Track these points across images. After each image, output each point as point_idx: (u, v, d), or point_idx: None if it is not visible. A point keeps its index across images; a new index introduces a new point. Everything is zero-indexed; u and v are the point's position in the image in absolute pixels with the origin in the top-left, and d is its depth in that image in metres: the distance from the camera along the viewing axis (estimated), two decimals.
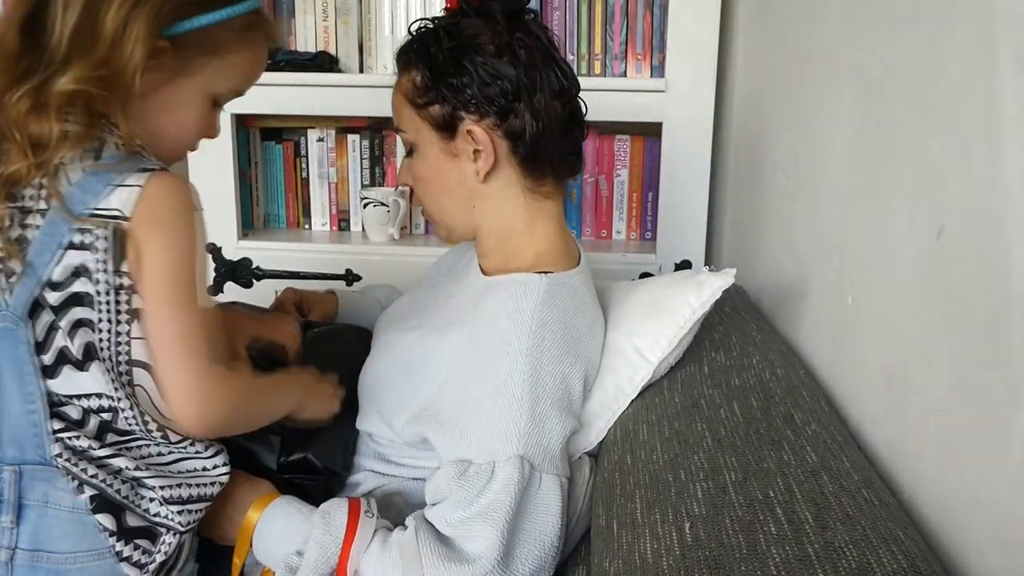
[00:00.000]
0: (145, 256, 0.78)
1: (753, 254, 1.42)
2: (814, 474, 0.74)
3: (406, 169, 1.05)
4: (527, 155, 0.98)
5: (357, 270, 1.78)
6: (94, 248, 0.77)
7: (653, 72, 1.70)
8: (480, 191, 1.00)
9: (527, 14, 0.99)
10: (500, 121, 0.96)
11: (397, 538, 0.88)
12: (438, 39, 0.97)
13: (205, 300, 0.84)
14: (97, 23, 0.75)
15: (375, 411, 1.01)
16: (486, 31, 0.95)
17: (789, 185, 1.22)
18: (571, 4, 1.70)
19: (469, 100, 0.96)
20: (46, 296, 0.78)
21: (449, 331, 0.98)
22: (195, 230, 0.81)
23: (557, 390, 0.92)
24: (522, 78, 0.95)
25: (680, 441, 0.85)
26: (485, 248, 1.04)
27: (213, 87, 0.85)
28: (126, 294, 0.78)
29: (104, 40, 0.75)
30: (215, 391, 0.82)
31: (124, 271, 0.77)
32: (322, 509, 0.91)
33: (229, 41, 0.83)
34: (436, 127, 0.98)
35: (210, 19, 0.81)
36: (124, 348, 0.80)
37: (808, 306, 1.10)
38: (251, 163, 1.87)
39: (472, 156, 0.98)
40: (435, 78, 0.96)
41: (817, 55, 1.13)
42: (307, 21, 1.78)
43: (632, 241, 1.81)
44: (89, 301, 0.78)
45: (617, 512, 0.80)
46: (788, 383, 0.94)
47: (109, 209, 0.77)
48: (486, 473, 0.87)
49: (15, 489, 0.80)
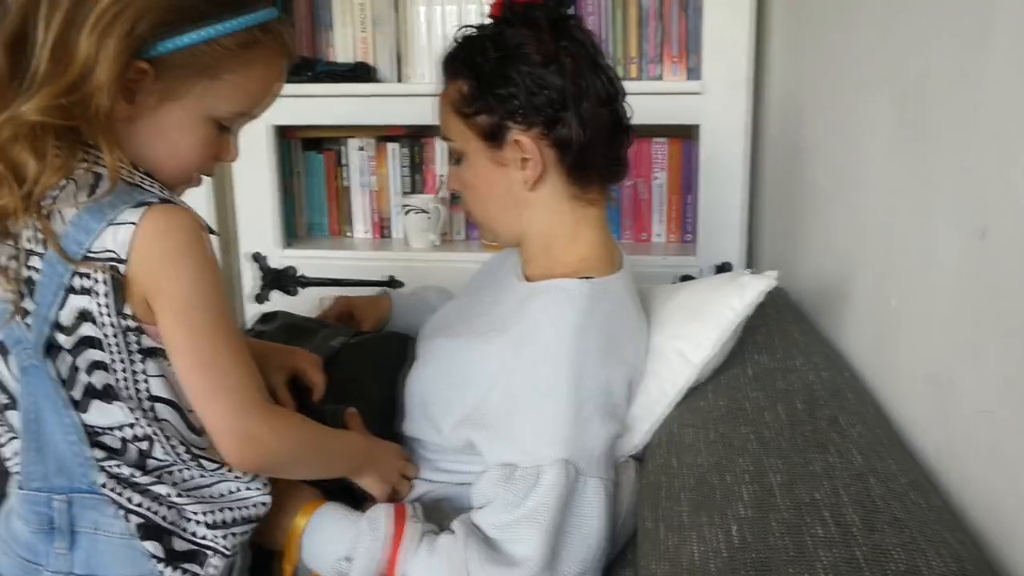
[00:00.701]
0: (157, 296, 0.75)
1: (794, 256, 1.41)
2: (860, 477, 0.74)
3: (454, 176, 1.06)
4: (574, 164, 0.98)
5: (399, 277, 1.80)
6: (94, 292, 0.74)
7: (689, 74, 1.70)
8: (527, 199, 1.01)
9: (571, 20, 0.99)
10: (548, 130, 0.97)
11: (444, 542, 0.89)
12: (484, 49, 0.97)
13: (231, 331, 0.80)
14: (70, 46, 0.71)
15: (422, 416, 1.02)
16: (531, 40, 0.96)
17: (828, 186, 1.22)
18: (605, 8, 1.71)
19: (516, 110, 0.96)
20: (57, 338, 0.76)
21: (493, 337, 0.99)
22: (204, 259, 0.77)
23: (600, 394, 0.93)
24: (569, 87, 0.95)
25: (725, 444, 0.86)
26: (529, 254, 1.05)
27: (211, 110, 0.79)
28: (135, 335, 0.76)
29: (76, 64, 0.71)
30: (260, 432, 0.80)
31: (127, 313, 0.75)
32: (368, 515, 0.92)
33: (222, 61, 0.77)
34: (484, 137, 0.99)
35: (193, 39, 0.74)
36: (143, 385, 0.78)
37: (851, 308, 1.10)
38: (293, 173, 1.90)
39: (520, 165, 0.98)
40: (482, 88, 0.97)
41: (854, 55, 1.12)
42: (345, 32, 1.81)
43: (671, 243, 1.81)
44: (99, 344, 0.76)
45: (663, 515, 0.81)
46: (833, 385, 0.94)
47: (104, 251, 0.74)
48: (531, 477, 0.88)
49: (66, 517, 0.80)
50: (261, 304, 1.83)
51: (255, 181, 1.78)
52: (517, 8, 0.99)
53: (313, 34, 1.82)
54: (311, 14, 1.81)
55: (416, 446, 1.06)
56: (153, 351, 0.78)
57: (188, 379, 0.78)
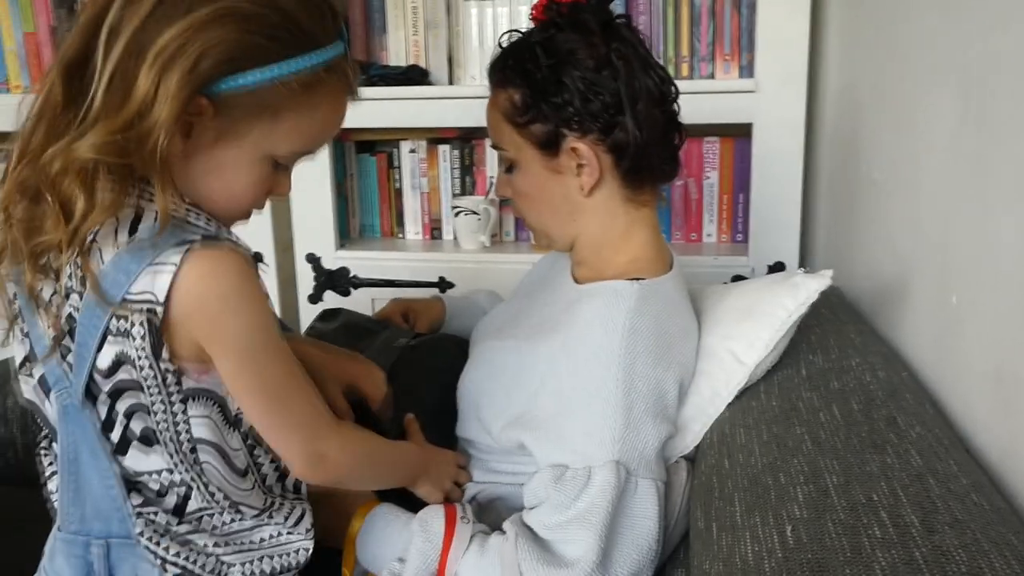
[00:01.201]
0: (212, 342, 0.74)
1: (849, 255, 1.39)
2: (919, 478, 0.73)
3: (505, 184, 1.05)
4: (630, 167, 0.98)
5: (450, 277, 1.82)
6: (131, 336, 0.72)
7: (742, 72, 1.68)
8: (582, 205, 1.00)
9: (620, 20, 0.98)
10: (604, 136, 0.96)
11: (495, 543, 0.90)
12: (535, 56, 0.95)
13: (291, 362, 0.80)
14: (129, 79, 0.68)
15: (474, 418, 1.03)
16: (583, 44, 0.94)
17: (886, 183, 1.20)
18: (656, 7, 1.70)
19: (571, 117, 0.95)
20: (98, 382, 0.75)
21: (543, 339, 1.00)
22: (257, 298, 0.75)
23: (651, 395, 0.93)
24: (624, 90, 0.94)
25: (779, 444, 0.85)
26: (580, 257, 1.04)
27: (269, 149, 0.76)
28: (174, 377, 0.74)
29: (135, 100, 0.68)
30: (329, 451, 0.82)
31: (164, 358, 0.73)
32: (420, 516, 0.93)
33: (284, 102, 0.73)
34: (538, 145, 0.98)
35: (258, 78, 0.71)
36: (184, 428, 0.76)
37: (909, 306, 1.08)
38: (347, 175, 1.93)
39: (576, 171, 0.98)
40: (535, 97, 0.95)
41: (914, 49, 1.10)
42: (398, 36, 1.83)
43: (723, 243, 1.80)
44: (138, 387, 0.74)
45: (716, 515, 0.80)
46: (890, 385, 0.92)
47: (142, 293, 0.71)
48: (582, 478, 0.88)
49: (104, 564, 0.79)
50: (315, 304, 1.87)
51: (311, 183, 1.82)
52: (563, 10, 0.97)
53: (367, 38, 1.85)
54: (365, 19, 1.84)
55: (468, 447, 1.07)
56: (195, 394, 0.76)
57: (258, 419, 0.79)
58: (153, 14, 0.69)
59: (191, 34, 0.68)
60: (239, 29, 0.69)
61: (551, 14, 0.98)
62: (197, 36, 0.68)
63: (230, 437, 0.80)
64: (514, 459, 1.01)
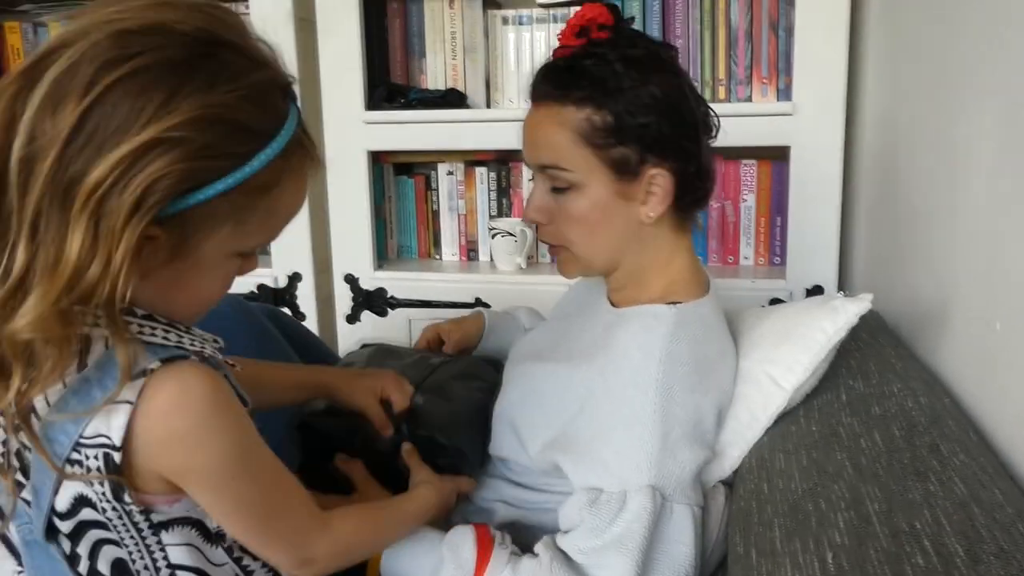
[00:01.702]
0: (184, 475, 0.68)
1: (889, 279, 1.38)
2: (963, 506, 0.72)
3: (542, 209, 0.99)
4: (694, 196, 0.98)
5: (486, 299, 1.83)
6: (88, 482, 0.66)
7: (779, 95, 1.68)
8: (639, 232, 0.98)
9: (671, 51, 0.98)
10: (679, 163, 0.95)
11: (528, 566, 0.89)
12: (617, 74, 0.91)
13: (272, 469, 0.75)
14: (57, 229, 0.59)
15: (512, 438, 1.03)
16: (658, 69, 0.93)
17: (926, 207, 1.19)
18: (694, 30, 1.71)
19: (656, 142, 0.93)
20: (57, 524, 0.70)
21: (581, 363, 1.00)
22: (231, 420, 0.69)
23: (689, 421, 0.92)
24: (699, 117, 0.95)
25: (819, 470, 0.84)
26: (619, 282, 1.04)
27: (235, 248, 0.69)
28: (142, 515, 0.69)
29: (70, 255, 0.58)
30: (320, 551, 0.78)
31: (127, 501, 0.68)
32: (449, 541, 0.93)
33: (245, 203, 0.66)
34: (615, 168, 0.94)
35: (211, 193, 0.63)
36: (160, 555, 0.72)
37: (951, 332, 1.06)
38: (385, 197, 1.96)
39: (643, 199, 0.96)
40: (623, 118, 0.92)
41: (956, 72, 1.09)
42: (437, 60, 1.86)
43: (760, 267, 1.79)
44: (103, 525, 0.70)
45: (755, 540, 0.80)
46: (932, 412, 0.91)
47: (96, 436, 0.64)
48: (617, 502, 0.88)
49: None
50: (352, 325, 1.89)
51: (350, 205, 1.84)
52: (627, 32, 0.95)
53: (406, 62, 1.88)
54: (404, 43, 1.87)
55: (502, 466, 1.07)
56: (168, 524, 0.71)
57: (242, 536, 0.75)
58: (74, 137, 0.59)
59: (127, 168, 0.59)
60: (182, 155, 0.60)
61: (619, 35, 0.94)
62: (135, 170, 0.59)
63: (212, 554, 0.76)
64: (548, 481, 1.01)
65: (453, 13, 1.82)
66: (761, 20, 1.68)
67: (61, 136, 0.59)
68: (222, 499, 0.71)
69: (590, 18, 0.95)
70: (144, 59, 0.60)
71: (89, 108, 0.59)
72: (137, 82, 0.60)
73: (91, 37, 0.60)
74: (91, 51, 0.60)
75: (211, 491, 0.70)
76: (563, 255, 1.03)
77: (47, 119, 0.59)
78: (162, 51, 0.61)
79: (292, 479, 0.78)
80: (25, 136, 0.59)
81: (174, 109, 0.60)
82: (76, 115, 0.59)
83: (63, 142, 0.59)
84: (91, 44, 0.60)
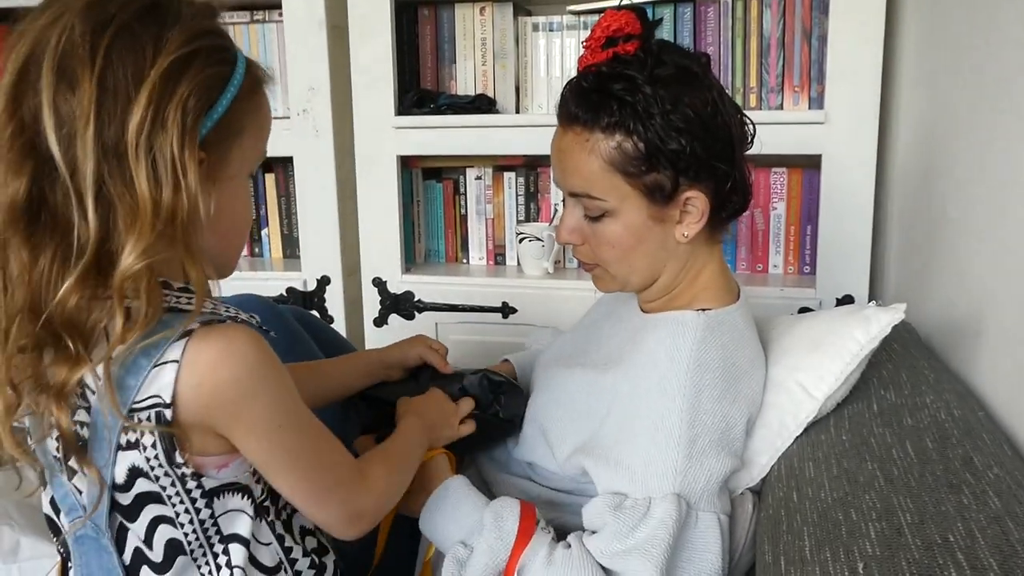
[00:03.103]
0: (233, 427, 0.71)
1: (921, 290, 1.36)
2: (998, 520, 0.70)
3: (575, 231, 0.98)
4: (731, 212, 0.96)
5: (512, 303, 1.83)
6: (141, 446, 0.69)
7: (811, 104, 1.67)
8: (675, 250, 0.97)
9: (704, 58, 0.95)
10: (718, 183, 0.93)
11: (561, 555, 0.88)
12: (646, 97, 0.89)
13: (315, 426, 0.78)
14: (123, 180, 0.64)
15: (541, 442, 1.04)
16: (690, 87, 0.90)
17: (962, 218, 1.17)
18: (725, 38, 1.70)
19: (691, 166, 0.90)
20: (117, 499, 0.72)
21: (609, 368, 1.00)
22: (273, 372, 0.72)
23: (716, 429, 0.92)
24: (736, 134, 0.93)
25: (849, 480, 0.83)
26: (651, 294, 1.03)
27: (249, 166, 0.77)
28: (194, 480, 0.72)
29: (143, 193, 0.64)
30: (367, 504, 0.82)
31: (179, 462, 0.70)
32: (494, 508, 0.92)
33: (243, 114, 0.73)
34: (649, 194, 0.92)
35: (226, 103, 0.70)
36: (213, 531, 0.75)
37: (986, 345, 1.05)
38: (413, 201, 1.97)
39: (678, 219, 0.95)
40: (655, 145, 0.89)
41: (994, 81, 1.08)
42: (467, 66, 1.87)
43: (789, 275, 1.77)
44: (159, 498, 0.72)
45: (784, 549, 0.79)
46: (966, 424, 0.90)
47: (148, 398, 0.67)
48: (642, 508, 0.88)
49: None
50: (380, 328, 1.90)
51: (379, 209, 1.86)
52: (655, 46, 0.92)
53: (437, 68, 1.89)
54: (435, 49, 1.89)
55: (529, 471, 1.07)
56: (219, 490, 0.74)
57: (293, 491, 0.77)
58: (102, 101, 0.64)
59: (159, 100, 0.65)
60: (195, 69, 0.68)
61: (647, 54, 0.91)
62: (167, 98, 0.65)
63: (260, 531, 0.78)
64: (575, 487, 1.01)
65: (484, 19, 1.83)
66: (794, 28, 1.67)
67: (90, 105, 0.63)
68: (271, 450, 0.73)
69: (615, 29, 0.92)
70: (124, 15, 0.66)
71: (103, 72, 0.64)
72: (129, 33, 0.66)
73: (65, 19, 0.65)
74: (76, 28, 0.65)
75: (260, 442, 0.72)
76: (598, 271, 1.02)
77: (67, 100, 0.64)
78: (131, 4, 0.67)
79: (332, 435, 0.80)
80: (53, 122, 0.64)
81: (169, 38, 0.67)
82: (94, 84, 0.64)
83: (95, 109, 0.64)
84: (72, 24, 0.65)
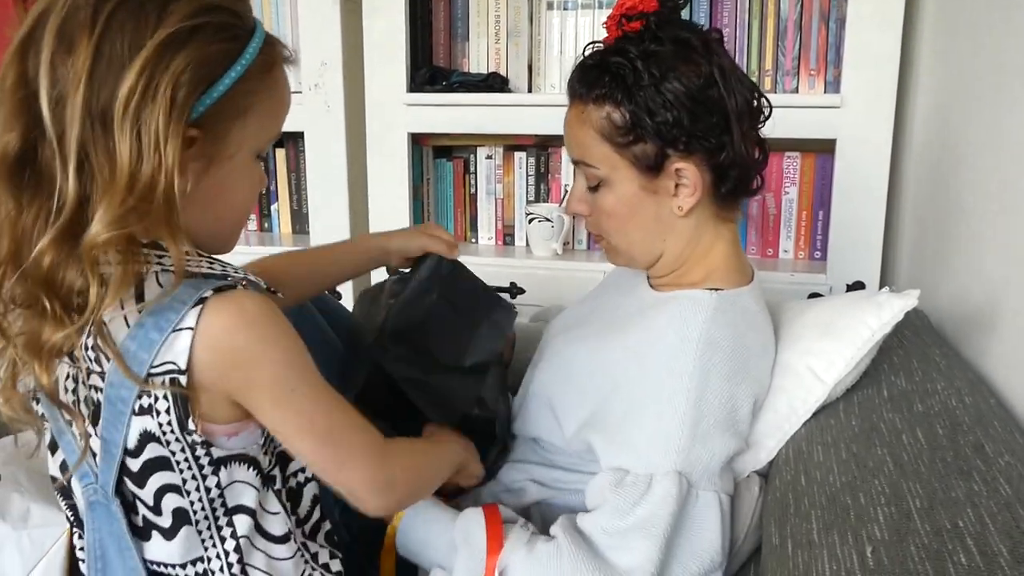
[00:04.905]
0: (247, 392, 0.71)
1: (934, 277, 1.35)
2: (1008, 507, 0.70)
3: (583, 201, 1.00)
4: (730, 187, 0.95)
5: (521, 283, 1.82)
6: (155, 411, 0.69)
7: (827, 88, 1.66)
8: (674, 224, 0.97)
9: (715, 34, 0.95)
10: (709, 156, 0.93)
11: (544, 549, 0.88)
12: (637, 71, 0.91)
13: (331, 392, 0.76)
14: (105, 148, 0.64)
15: (547, 417, 1.03)
16: (685, 60, 0.91)
17: (977, 206, 1.16)
18: (742, 20, 1.69)
19: (678, 137, 0.91)
20: (128, 464, 0.72)
21: (614, 342, 0.99)
22: (284, 335, 0.71)
23: (722, 409, 0.91)
24: (731, 107, 0.92)
25: (859, 464, 0.83)
26: (660, 271, 1.03)
27: (255, 147, 0.75)
28: (203, 448, 0.72)
29: (122, 164, 0.63)
30: (394, 473, 0.78)
31: (191, 429, 0.70)
32: (460, 527, 0.92)
33: (252, 94, 0.71)
34: (639, 165, 0.94)
35: (229, 82, 0.68)
36: (218, 502, 0.74)
37: (999, 333, 1.04)
38: (424, 179, 1.96)
39: (673, 191, 0.95)
40: (640, 115, 0.91)
41: (1013, 68, 1.07)
42: (480, 44, 1.85)
43: (800, 260, 1.77)
44: (167, 464, 0.72)
45: (791, 531, 0.79)
46: (977, 411, 0.89)
47: (163, 364, 0.68)
48: (643, 485, 0.88)
49: None
50: None
51: (389, 186, 1.85)
52: (657, 22, 0.93)
53: (450, 45, 1.88)
54: (448, 26, 1.87)
55: (533, 446, 1.07)
56: (227, 460, 0.74)
57: (312, 458, 0.76)
58: (96, 67, 0.64)
59: (152, 72, 0.64)
60: (195, 45, 0.66)
61: (647, 28, 0.93)
62: (159, 71, 0.64)
63: (267, 500, 0.78)
64: (578, 462, 1.00)
65: None
66: (812, 10, 1.65)
67: (83, 70, 0.63)
68: (286, 414, 0.72)
69: (629, 7, 0.94)
70: None
71: (100, 38, 0.64)
72: (135, 2, 0.65)
73: None
74: None
75: (275, 405, 0.72)
76: (604, 244, 1.05)
77: (63, 62, 0.64)
78: None
79: (348, 404, 0.78)
80: (48, 82, 0.64)
81: (173, 10, 0.66)
82: (91, 49, 0.63)
83: (87, 74, 0.63)
84: None
